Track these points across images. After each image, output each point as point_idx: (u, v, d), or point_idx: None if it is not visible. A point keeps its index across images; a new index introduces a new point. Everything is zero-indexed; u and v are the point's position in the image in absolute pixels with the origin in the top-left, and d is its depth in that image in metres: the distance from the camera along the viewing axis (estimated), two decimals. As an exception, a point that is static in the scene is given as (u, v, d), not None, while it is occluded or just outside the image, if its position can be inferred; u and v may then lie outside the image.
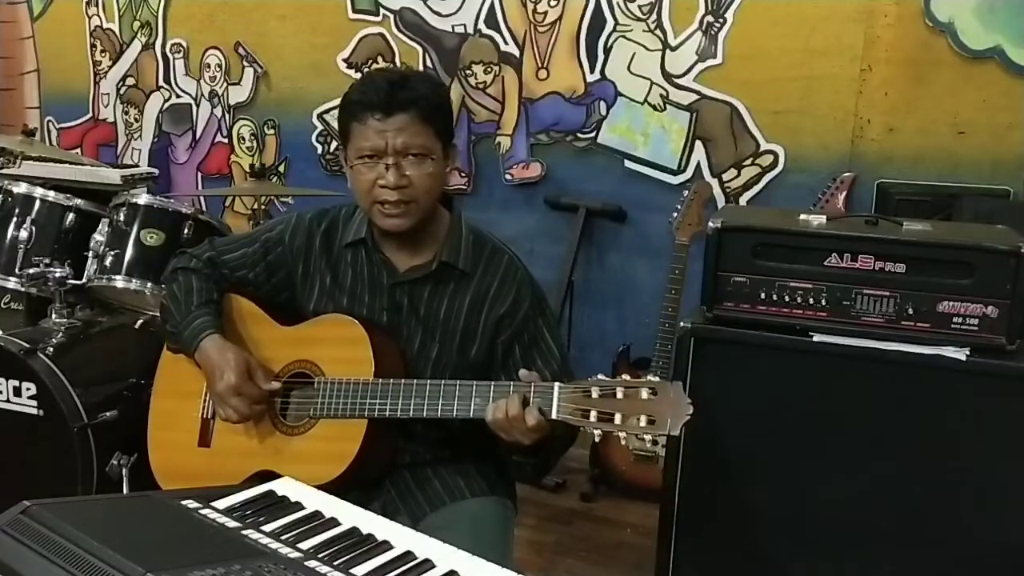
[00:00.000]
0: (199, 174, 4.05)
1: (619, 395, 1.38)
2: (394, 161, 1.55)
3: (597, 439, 1.43)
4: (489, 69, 3.42)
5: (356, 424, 1.56)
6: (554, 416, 1.42)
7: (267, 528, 1.17)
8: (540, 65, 3.35)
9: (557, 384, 1.43)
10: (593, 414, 1.38)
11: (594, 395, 1.39)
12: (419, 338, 1.67)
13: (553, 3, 3.28)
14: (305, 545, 1.13)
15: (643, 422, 1.36)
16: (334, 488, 1.38)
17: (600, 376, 1.42)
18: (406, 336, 1.67)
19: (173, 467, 1.74)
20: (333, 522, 1.22)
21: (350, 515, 1.24)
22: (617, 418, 1.37)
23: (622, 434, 1.38)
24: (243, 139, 3.92)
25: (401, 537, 1.18)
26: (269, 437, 1.66)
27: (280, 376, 1.67)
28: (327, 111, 3.70)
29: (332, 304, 1.71)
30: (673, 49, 3.16)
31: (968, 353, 1.71)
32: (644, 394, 1.37)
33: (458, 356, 1.66)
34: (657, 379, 1.39)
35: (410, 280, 1.67)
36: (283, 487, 1.34)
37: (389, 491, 1.66)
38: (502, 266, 1.69)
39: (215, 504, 1.24)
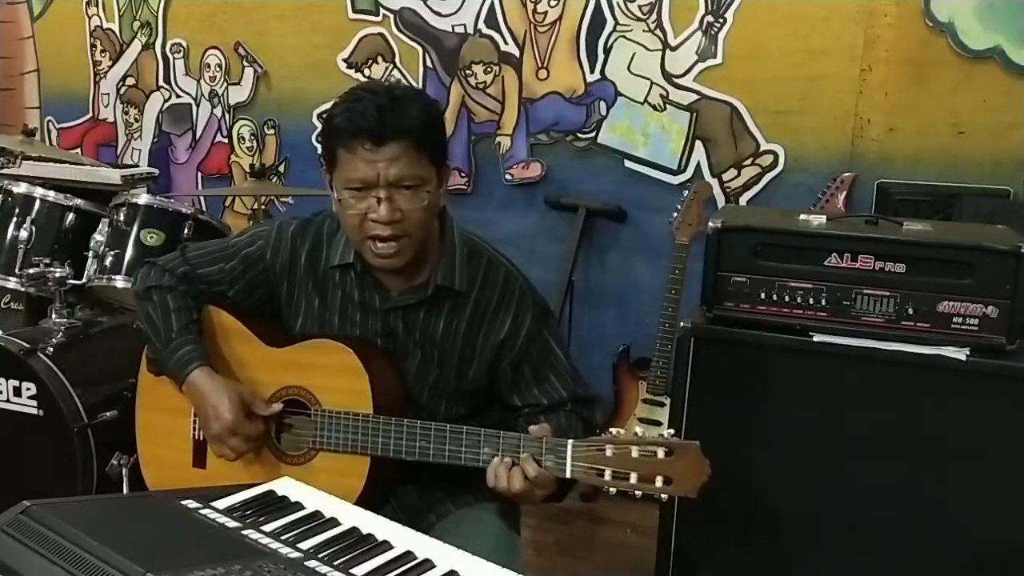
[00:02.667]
0: (199, 174, 4.04)
1: (634, 454, 1.34)
2: (386, 195, 1.45)
3: (612, 494, 1.39)
4: (489, 69, 3.42)
5: (359, 460, 1.53)
6: (568, 475, 1.39)
7: (267, 528, 1.17)
8: (540, 65, 3.35)
9: (571, 442, 1.39)
10: (608, 473, 1.35)
11: (608, 453, 1.36)
12: (416, 362, 1.62)
13: (553, 3, 3.28)
14: (305, 545, 1.13)
15: (659, 483, 1.34)
16: None
17: (614, 431, 1.39)
18: (402, 360, 1.62)
19: (168, 485, 1.68)
20: (333, 522, 1.22)
21: (350, 515, 1.24)
22: (633, 478, 1.34)
23: (638, 493, 1.35)
24: (243, 139, 3.92)
25: (401, 537, 1.18)
26: (268, 464, 1.62)
27: (272, 403, 1.62)
28: (327, 111, 3.69)
29: (323, 326, 1.64)
30: (673, 49, 3.16)
31: (968, 353, 1.71)
32: (660, 454, 1.34)
33: (456, 380, 1.62)
34: (674, 437, 1.36)
35: (404, 305, 1.60)
36: (283, 487, 1.34)
37: (391, 502, 1.63)
38: (499, 282, 1.61)
39: (215, 504, 1.24)
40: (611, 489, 1.36)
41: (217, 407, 1.55)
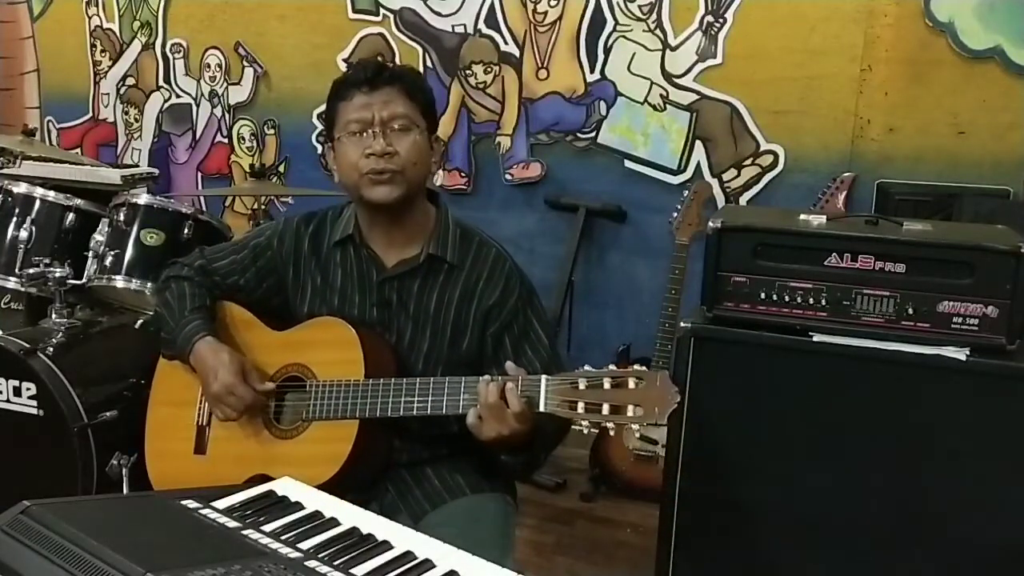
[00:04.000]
0: (199, 174, 4.05)
1: (606, 385, 1.37)
2: (381, 130, 1.59)
3: (586, 431, 1.42)
4: (489, 69, 3.42)
5: (348, 425, 1.56)
6: (542, 408, 1.41)
7: (267, 528, 1.17)
8: (540, 65, 3.35)
9: (544, 376, 1.43)
10: (581, 405, 1.38)
11: (581, 386, 1.38)
12: (409, 333, 1.68)
13: (553, 3, 3.28)
14: (305, 545, 1.13)
15: (630, 412, 1.36)
16: (330, 489, 1.38)
17: (587, 367, 1.42)
18: (396, 332, 1.68)
19: (170, 475, 1.74)
20: (333, 522, 1.22)
21: (350, 515, 1.24)
22: (605, 408, 1.36)
23: (610, 424, 1.38)
24: (243, 139, 3.92)
25: (401, 537, 1.18)
26: (263, 442, 1.66)
27: (273, 381, 1.67)
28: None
29: (324, 306, 1.72)
30: (673, 49, 3.16)
31: (968, 353, 1.71)
32: (631, 384, 1.36)
33: (449, 350, 1.67)
34: (644, 368, 1.39)
35: (398, 275, 1.67)
36: (283, 487, 1.34)
37: (388, 491, 1.66)
38: (490, 258, 1.69)
39: (215, 504, 1.24)
40: (583, 422, 1.39)
41: (217, 368, 1.62)
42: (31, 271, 2.40)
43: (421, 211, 1.69)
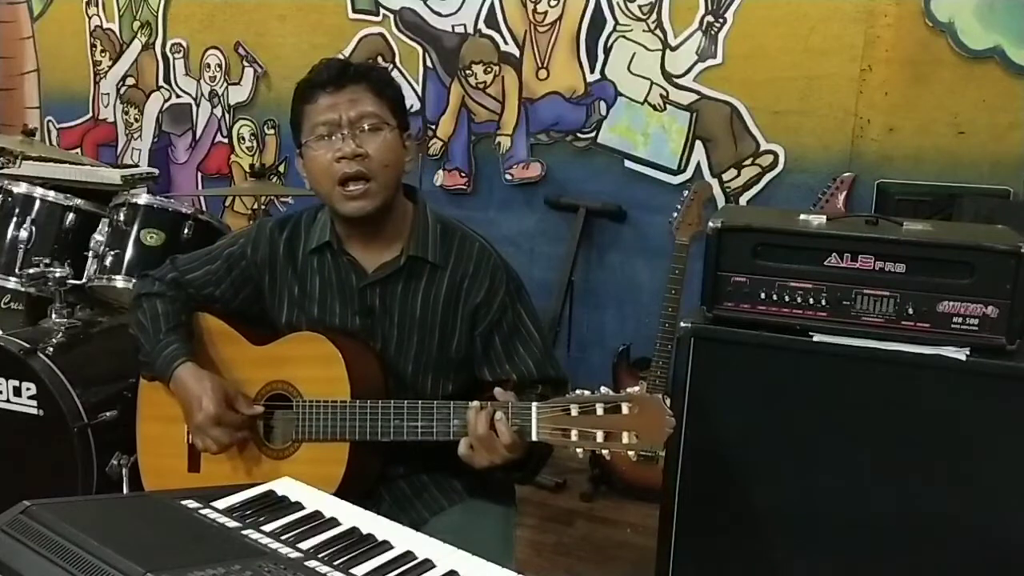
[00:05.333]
0: (199, 174, 4.05)
1: (599, 411, 1.34)
2: (350, 132, 1.52)
3: (580, 456, 1.39)
4: (489, 69, 3.42)
5: (340, 446, 1.54)
6: (534, 438, 1.39)
7: (267, 528, 1.17)
8: (540, 65, 3.35)
9: (535, 404, 1.39)
10: (574, 433, 1.35)
11: (574, 412, 1.35)
12: (395, 339, 1.63)
13: (553, 3, 3.28)
14: (305, 545, 1.13)
15: (625, 439, 1.33)
16: None
17: (579, 391, 1.38)
18: (381, 339, 1.63)
19: None
20: (333, 522, 1.22)
21: (350, 515, 1.24)
22: (599, 436, 1.33)
23: (605, 452, 1.35)
24: (243, 139, 3.92)
25: (401, 537, 1.18)
26: (256, 461, 1.64)
27: (258, 399, 1.64)
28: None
29: (303, 315, 1.67)
30: (673, 49, 3.16)
31: (968, 353, 1.71)
32: (624, 409, 1.33)
33: (438, 353, 1.63)
34: (638, 391, 1.35)
35: (380, 280, 1.62)
36: (283, 487, 1.34)
37: (386, 500, 1.63)
38: (474, 255, 1.63)
39: (215, 504, 1.24)
40: (578, 450, 1.36)
41: (201, 398, 1.57)
42: (31, 271, 2.40)
43: (399, 212, 1.63)
